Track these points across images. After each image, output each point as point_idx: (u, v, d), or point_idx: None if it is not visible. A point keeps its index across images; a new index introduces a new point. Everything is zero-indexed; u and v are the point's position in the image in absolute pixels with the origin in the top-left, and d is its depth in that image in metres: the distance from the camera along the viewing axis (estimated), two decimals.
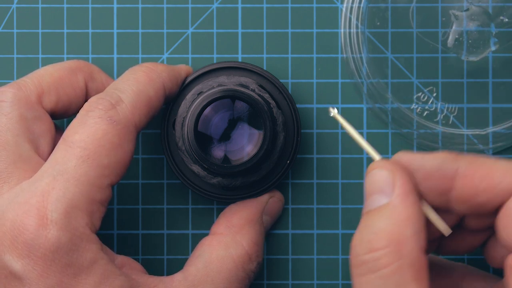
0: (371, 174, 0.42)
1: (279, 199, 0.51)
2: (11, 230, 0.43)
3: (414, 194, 0.41)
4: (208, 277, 0.47)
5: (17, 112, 0.46)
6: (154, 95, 0.47)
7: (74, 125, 0.45)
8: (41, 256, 0.42)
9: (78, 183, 0.43)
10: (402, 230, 0.40)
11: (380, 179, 0.41)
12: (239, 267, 0.48)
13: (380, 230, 0.40)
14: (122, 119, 0.45)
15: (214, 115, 0.50)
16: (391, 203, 0.40)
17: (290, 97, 0.50)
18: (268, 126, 0.47)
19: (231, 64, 0.50)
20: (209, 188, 0.50)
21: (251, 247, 0.49)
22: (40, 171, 0.44)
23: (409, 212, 0.40)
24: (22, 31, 0.52)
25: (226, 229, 0.49)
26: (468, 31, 0.51)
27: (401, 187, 0.40)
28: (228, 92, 0.47)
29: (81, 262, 0.43)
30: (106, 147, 0.44)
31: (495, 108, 0.52)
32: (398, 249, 0.39)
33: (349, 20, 0.52)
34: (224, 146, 0.50)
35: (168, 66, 0.49)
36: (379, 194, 0.41)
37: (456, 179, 0.40)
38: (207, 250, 0.48)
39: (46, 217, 0.42)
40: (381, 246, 0.40)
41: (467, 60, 0.52)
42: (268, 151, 0.48)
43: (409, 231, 0.40)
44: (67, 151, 0.44)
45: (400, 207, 0.40)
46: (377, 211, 0.41)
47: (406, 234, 0.40)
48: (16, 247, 0.42)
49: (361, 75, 0.52)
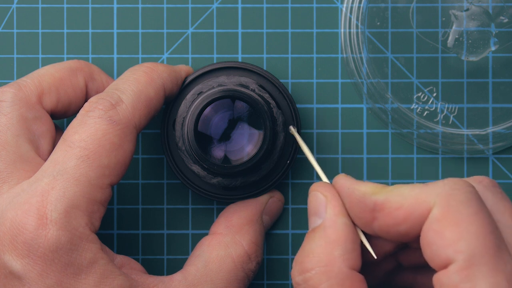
0: (310, 195, 0.44)
1: (278, 199, 0.51)
2: (10, 229, 0.43)
3: (345, 216, 0.42)
4: (207, 277, 0.47)
5: (17, 112, 0.46)
6: (155, 96, 0.47)
7: (74, 125, 0.45)
8: (41, 255, 0.42)
9: (78, 183, 0.43)
10: (330, 250, 0.41)
11: (316, 201, 0.43)
12: (239, 267, 0.48)
13: (311, 252, 0.41)
14: (122, 119, 0.45)
15: (214, 115, 0.50)
16: (322, 224, 0.42)
17: (290, 97, 0.50)
18: (268, 126, 0.47)
19: (231, 64, 0.50)
20: (209, 188, 0.50)
21: (250, 247, 0.49)
22: (40, 171, 0.44)
23: (339, 233, 0.42)
24: (22, 31, 0.52)
25: (225, 229, 0.49)
26: (468, 31, 0.51)
27: (332, 209, 0.42)
28: (228, 92, 0.47)
29: (80, 262, 0.43)
30: (106, 147, 0.44)
31: (495, 108, 0.52)
32: (327, 270, 0.41)
33: (349, 20, 0.52)
34: (224, 146, 0.50)
35: (168, 66, 0.49)
36: (315, 216, 0.43)
37: (376, 211, 0.41)
38: (207, 250, 0.48)
39: (45, 217, 0.42)
40: (311, 267, 0.41)
41: (467, 60, 0.52)
42: (268, 151, 0.48)
43: (338, 252, 0.41)
44: (67, 151, 0.44)
45: (330, 228, 0.42)
46: (312, 232, 0.42)
47: (335, 254, 0.41)
48: (15, 247, 0.42)
49: (361, 75, 0.52)
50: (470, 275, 0.38)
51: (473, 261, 0.38)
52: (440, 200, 0.40)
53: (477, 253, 0.38)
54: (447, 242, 0.39)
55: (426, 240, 0.40)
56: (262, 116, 0.48)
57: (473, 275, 0.38)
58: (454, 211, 0.39)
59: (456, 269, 0.38)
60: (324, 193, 0.43)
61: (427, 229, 0.39)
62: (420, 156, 0.52)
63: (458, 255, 0.38)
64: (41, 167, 0.45)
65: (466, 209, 0.39)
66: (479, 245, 0.38)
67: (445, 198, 0.39)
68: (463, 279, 0.38)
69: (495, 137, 0.52)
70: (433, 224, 0.39)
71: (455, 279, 0.38)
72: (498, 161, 0.52)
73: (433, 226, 0.39)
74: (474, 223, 0.39)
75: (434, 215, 0.39)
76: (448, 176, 0.52)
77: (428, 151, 0.52)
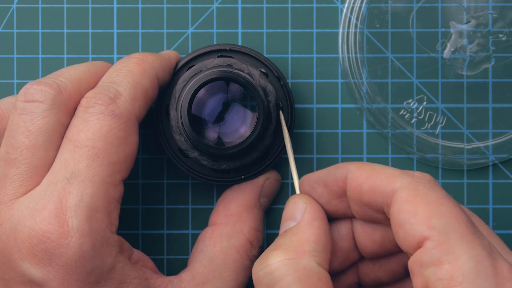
0: (288, 204, 0.45)
1: (275, 179, 0.51)
2: (29, 237, 0.42)
3: (322, 221, 0.44)
4: (215, 273, 0.47)
5: (55, 117, 0.44)
6: (150, 86, 0.46)
7: (76, 124, 0.44)
8: (63, 265, 0.42)
9: (93, 184, 0.42)
10: (301, 245, 0.42)
11: (294, 207, 0.44)
12: (244, 256, 0.48)
13: (279, 245, 0.42)
14: (124, 113, 0.44)
15: (209, 98, 0.50)
16: (297, 225, 0.43)
17: (278, 71, 0.49)
18: (262, 107, 0.47)
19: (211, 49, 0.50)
20: (208, 172, 0.50)
21: (251, 234, 0.48)
22: (51, 173, 0.43)
23: (312, 232, 0.43)
24: (22, 31, 0.52)
25: (225, 218, 0.49)
26: (466, 46, 0.51)
27: (310, 213, 0.44)
28: (222, 74, 0.47)
29: (102, 269, 0.42)
30: (114, 143, 0.43)
31: (495, 108, 0.52)
32: (295, 262, 0.41)
33: (349, 20, 0.52)
34: (218, 128, 0.49)
35: (157, 55, 0.48)
36: (290, 220, 0.44)
37: (347, 182, 0.43)
38: (209, 243, 0.48)
39: (66, 224, 0.42)
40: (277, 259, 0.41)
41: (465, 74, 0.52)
42: (263, 131, 0.48)
43: (308, 247, 0.42)
44: (75, 152, 0.43)
45: (304, 227, 0.43)
46: (283, 233, 0.43)
47: (305, 248, 0.42)
48: (35, 255, 0.42)
49: (360, 76, 0.52)
50: (449, 247, 0.38)
51: (449, 235, 0.38)
52: (408, 185, 0.41)
53: (451, 229, 0.38)
54: (420, 219, 0.39)
55: (397, 221, 0.40)
56: (256, 98, 0.47)
57: (452, 247, 0.38)
58: (423, 194, 0.40)
59: (433, 245, 0.38)
60: (304, 200, 0.44)
61: (398, 211, 0.40)
62: (420, 157, 0.52)
63: (432, 231, 0.38)
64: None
65: (434, 193, 0.40)
66: (452, 221, 0.39)
67: (412, 184, 0.41)
68: (443, 252, 0.38)
69: (495, 137, 0.52)
70: (404, 205, 0.40)
71: (435, 254, 0.38)
72: (502, 164, 0.52)
73: (404, 207, 0.40)
74: (444, 205, 0.39)
75: (402, 197, 0.40)
76: (448, 176, 0.52)
77: (428, 152, 0.52)
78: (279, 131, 0.50)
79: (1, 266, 0.43)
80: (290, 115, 0.50)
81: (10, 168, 0.44)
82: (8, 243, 0.42)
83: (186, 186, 0.52)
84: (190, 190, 0.52)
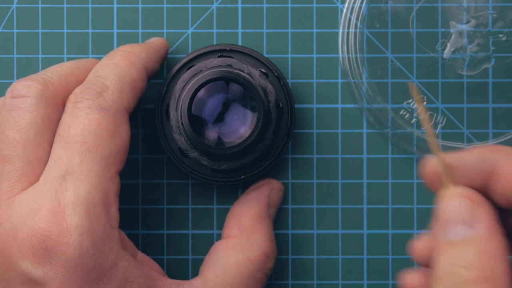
0: (451, 202, 0.39)
1: (279, 189, 0.51)
2: (29, 236, 0.42)
3: (499, 227, 0.39)
4: (227, 283, 0.46)
5: (43, 111, 0.44)
6: (138, 77, 0.46)
7: (66, 120, 0.44)
8: (63, 263, 0.41)
9: (88, 180, 0.42)
10: (493, 264, 0.38)
11: (461, 209, 0.39)
12: (257, 269, 0.47)
13: (470, 264, 0.38)
14: (112, 105, 0.44)
15: (209, 98, 0.50)
16: (478, 236, 0.38)
17: (278, 71, 0.49)
18: (262, 107, 0.47)
19: (211, 49, 0.50)
20: (208, 172, 0.50)
21: (267, 245, 0.48)
22: (46, 171, 0.43)
23: (499, 246, 0.38)
24: (22, 31, 0.52)
25: (238, 231, 0.49)
26: (466, 46, 0.51)
27: (488, 220, 0.38)
28: (221, 74, 0.47)
29: (103, 266, 0.42)
30: (104, 136, 0.43)
31: (495, 108, 0.52)
32: (491, 285, 0.37)
33: (349, 20, 0.52)
34: (218, 128, 0.49)
35: (144, 45, 0.48)
36: (461, 225, 0.39)
37: (496, 175, 0.39)
38: (224, 254, 0.47)
39: (65, 222, 0.42)
40: (473, 279, 0.37)
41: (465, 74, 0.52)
42: (263, 131, 0.48)
43: (499, 266, 0.38)
44: (67, 148, 0.43)
45: (489, 241, 0.38)
46: (463, 244, 0.38)
47: (497, 269, 0.38)
48: (35, 254, 0.42)
49: (360, 76, 0.52)
50: None
51: None
52: None
53: None
54: None
55: None
56: (256, 98, 0.47)
57: None
58: None
59: None
60: (473, 201, 0.39)
61: None
62: (420, 157, 0.52)
63: None
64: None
65: None
66: None
67: None
68: None
69: (495, 137, 0.52)
70: None
71: None
72: None
73: None
74: None
75: None
76: None
77: (428, 152, 0.52)
78: (279, 131, 0.50)
79: (1, 266, 0.43)
80: (290, 115, 0.50)
81: (5, 165, 0.44)
82: (8, 243, 0.42)
83: (186, 186, 0.52)
84: (190, 190, 0.52)
